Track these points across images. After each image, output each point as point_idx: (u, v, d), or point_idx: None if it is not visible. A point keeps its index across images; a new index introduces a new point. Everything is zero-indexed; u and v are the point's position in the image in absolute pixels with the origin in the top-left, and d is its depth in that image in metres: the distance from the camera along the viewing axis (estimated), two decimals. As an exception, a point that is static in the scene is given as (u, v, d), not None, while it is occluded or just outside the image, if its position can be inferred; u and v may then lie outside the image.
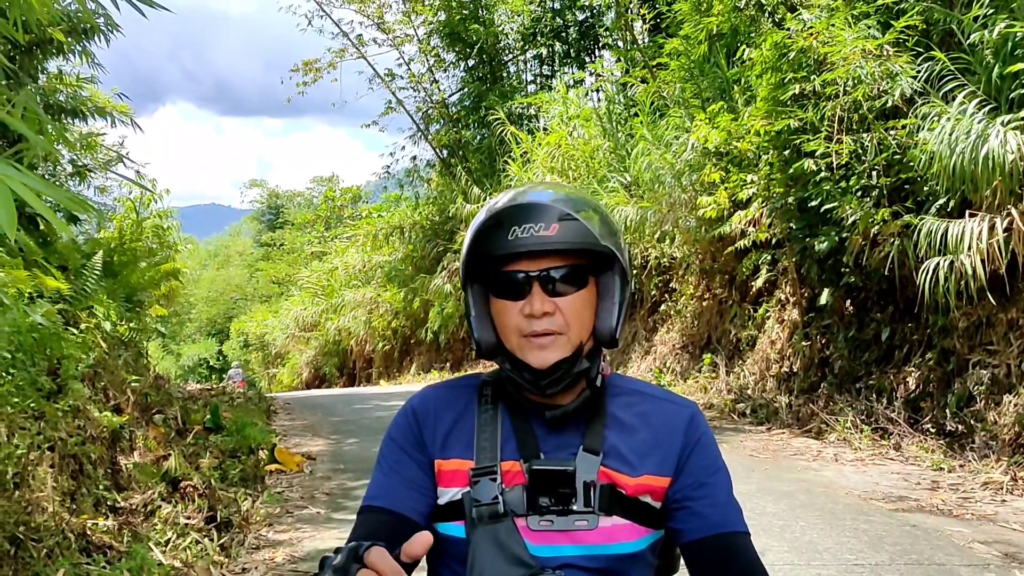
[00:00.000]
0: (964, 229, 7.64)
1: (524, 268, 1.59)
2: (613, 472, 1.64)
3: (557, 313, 1.59)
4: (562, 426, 1.67)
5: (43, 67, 9.84)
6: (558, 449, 1.66)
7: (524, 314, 1.59)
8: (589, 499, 1.61)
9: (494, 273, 1.63)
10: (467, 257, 1.66)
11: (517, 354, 1.62)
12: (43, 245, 7.44)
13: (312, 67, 25.70)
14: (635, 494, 1.64)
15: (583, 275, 1.62)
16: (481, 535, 1.60)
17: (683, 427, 1.69)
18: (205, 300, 53.81)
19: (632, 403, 1.73)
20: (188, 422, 8.43)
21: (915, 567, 5.07)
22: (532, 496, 1.61)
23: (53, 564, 4.28)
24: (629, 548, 1.63)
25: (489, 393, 1.74)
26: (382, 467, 1.73)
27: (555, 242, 1.56)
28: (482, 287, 1.68)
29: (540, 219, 1.56)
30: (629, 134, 15.52)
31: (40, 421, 4.91)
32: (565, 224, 1.57)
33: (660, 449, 1.67)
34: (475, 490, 1.63)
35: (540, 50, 24.32)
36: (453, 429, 1.71)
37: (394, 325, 26.10)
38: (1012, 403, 7.52)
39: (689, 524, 1.65)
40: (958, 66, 8.10)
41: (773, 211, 10.80)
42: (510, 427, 1.69)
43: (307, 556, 5.64)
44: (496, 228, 1.59)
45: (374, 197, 39.65)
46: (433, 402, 1.76)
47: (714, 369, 12.98)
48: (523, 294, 1.59)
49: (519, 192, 1.65)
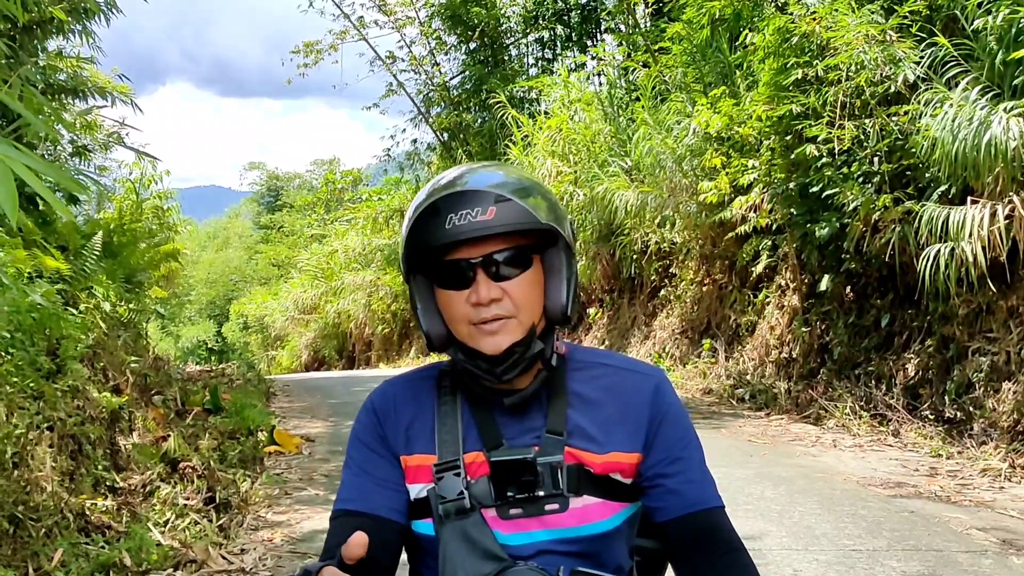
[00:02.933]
0: (965, 216, 7.62)
1: (466, 255, 1.55)
2: (579, 451, 1.62)
3: (505, 298, 1.56)
4: (523, 410, 1.65)
5: (43, 46, 9.79)
6: (521, 434, 1.63)
7: (471, 303, 1.55)
8: (557, 481, 1.59)
9: (436, 264, 1.59)
10: (406, 250, 1.61)
11: (469, 343, 1.58)
12: (43, 225, 7.43)
13: (313, 49, 25.61)
14: (604, 472, 1.62)
15: (526, 256, 1.59)
16: (450, 532, 1.58)
17: (648, 398, 1.66)
18: (205, 282, 53.73)
19: (594, 376, 1.70)
20: (187, 403, 8.44)
21: (913, 553, 5.08)
22: (498, 486, 1.59)
23: (52, 543, 4.29)
24: (603, 527, 1.62)
25: (448, 384, 1.71)
26: (351, 468, 1.71)
27: (494, 225, 1.52)
28: (425, 279, 1.64)
29: (476, 204, 1.52)
30: (630, 118, 15.46)
31: (39, 401, 4.91)
32: (502, 206, 1.53)
33: (627, 424, 1.64)
34: (440, 486, 1.61)
35: (542, 33, 24.24)
36: (414, 423, 1.69)
37: (393, 308, 26.08)
38: (1011, 390, 7.52)
39: (665, 502, 1.64)
40: (961, 52, 8.07)
41: (774, 197, 10.78)
42: (470, 417, 1.66)
43: (305, 537, 5.66)
44: (433, 217, 1.55)
45: (374, 180, 39.63)
46: (392, 397, 1.73)
47: (713, 354, 12.98)
48: (468, 282, 1.56)
49: (455, 177, 1.61)
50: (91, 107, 11.57)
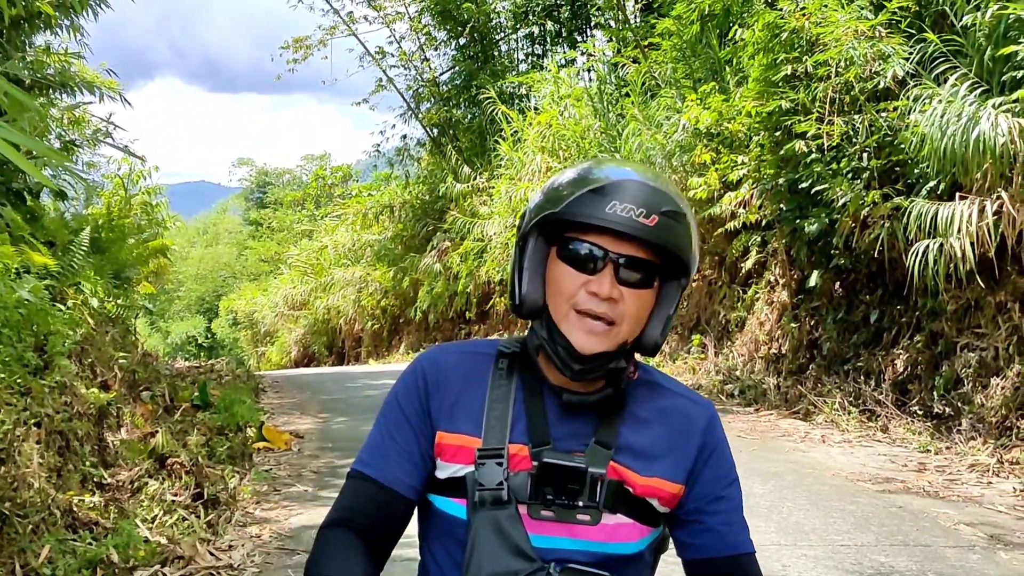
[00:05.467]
0: (954, 212, 7.64)
1: (605, 245, 1.52)
2: (623, 468, 1.60)
3: (620, 302, 1.53)
4: (576, 413, 1.61)
5: (30, 41, 9.72)
6: (569, 438, 1.60)
7: (588, 290, 1.52)
8: (595, 494, 1.56)
9: (567, 236, 1.55)
10: (549, 212, 1.56)
11: (561, 326, 1.54)
12: (30, 220, 7.39)
13: (302, 44, 25.50)
14: (643, 494, 1.60)
15: (653, 275, 1.56)
16: (482, 520, 1.55)
17: (701, 430, 1.65)
18: (194, 278, 53.57)
19: (649, 396, 1.68)
20: (176, 399, 8.41)
21: (901, 548, 5.10)
22: (537, 485, 1.56)
23: (39, 540, 4.27)
24: (630, 548, 1.60)
25: (505, 366, 1.66)
26: (380, 429, 1.67)
27: (651, 233, 1.49)
28: (545, 244, 1.59)
29: (643, 204, 1.49)
30: (620, 114, 15.47)
31: (26, 397, 4.89)
32: (666, 220, 1.50)
33: (675, 452, 1.63)
34: (480, 472, 1.57)
35: (532, 29, 24.22)
36: (462, 399, 1.64)
37: (383, 304, 26.03)
38: (999, 386, 7.54)
39: (701, 540, 1.63)
40: (950, 48, 8.10)
41: (763, 192, 10.79)
42: (522, 406, 1.62)
43: (294, 534, 5.64)
44: (596, 194, 1.51)
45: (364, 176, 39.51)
46: (445, 367, 1.68)
47: (703, 350, 12.99)
48: (593, 270, 1.53)
49: (622, 165, 1.60)
50: (78, 103, 11.51)
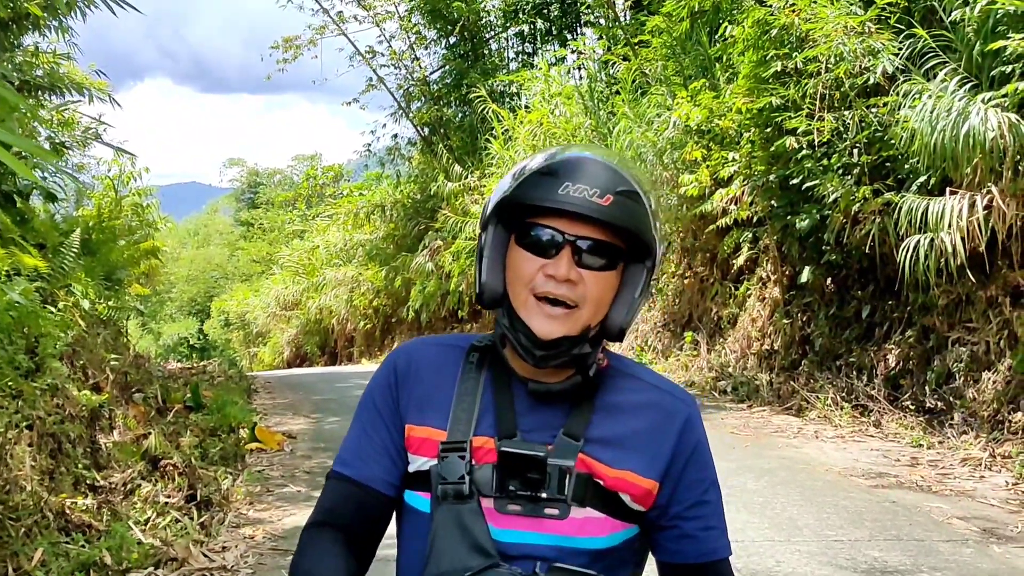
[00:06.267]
0: (944, 207, 7.65)
1: (561, 227, 1.49)
2: (592, 461, 1.55)
3: (580, 285, 1.49)
4: (545, 406, 1.58)
5: (19, 43, 9.70)
6: (537, 429, 1.56)
7: (546, 273, 1.49)
8: (564, 487, 1.53)
9: (525, 222, 1.53)
10: (504, 197, 1.55)
11: (521, 312, 1.52)
12: (20, 223, 7.36)
13: (292, 44, 25.40)
14: (613, 487, 1.56)
15: (616, 256, 1.53)
16: (444, 515, 1.53)
17: (678, 428, 1.60)
18: (185, 279, 53.43)
19: (627, 388, 1.63)
20: (168, 401, 8.39)
21: (894, 543, 5.11)
22: (502, 478, 1.53)
23: (32, 543, 4.26)
24: (599, 543, 1.55)
25: (475, 360, 1.64)
26: (356, 427, 1.66)
27: (604, 213, 1.46)
28: (505, 231, 1.57)
29: (597, 184, 1.47)
30: (611, 112, 15.46)
31: (18, 400, 4.88)
32: (621, 199, 1.47)
33: (650, 446, 1.58)
34: (442, 466, 1.54)
35: (522, 27, 24.18)
36: (431, 392, 1.62)
37: (375, 304, 25.98)
38: (991, 380, 7.57)
39: (678, 545, 1.60)
40: (940, 43, 8.11)
41: (754, 189, 10.80)
42: (490, 399, 1.59)
43: (287, 534, 5.63)
44: (547, 177, 1.49)
45: (355, 175, 39.44)
46: (417, 359, 1.66)
47: (695, 347, 13.00)
48: (549, 253, 1.50)
49: (580, 148, 1.56)
50: (67, 103, 11.47)
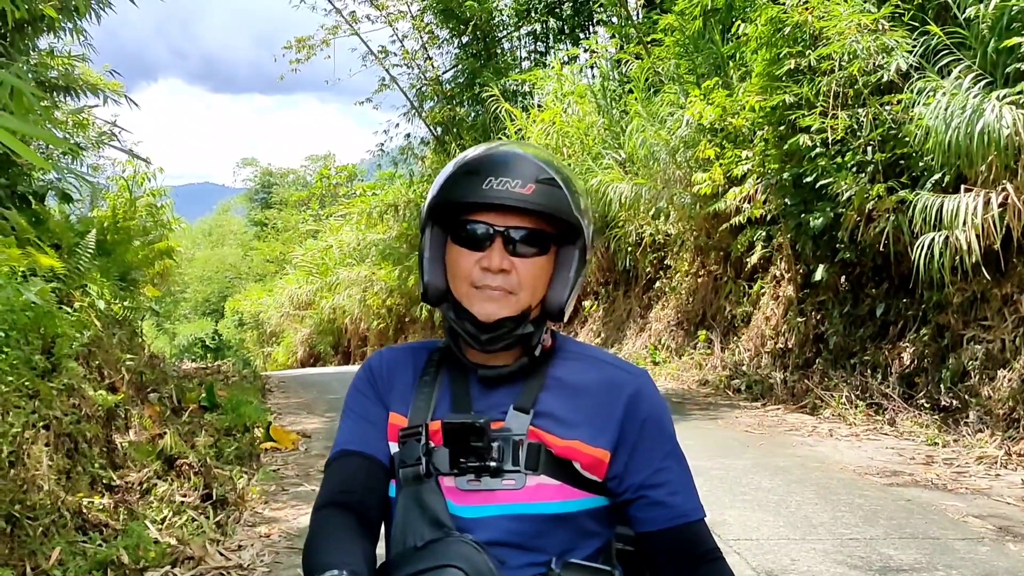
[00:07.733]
0: (959, 204, 7.62)
1: (490, 221, 1.58)
2: (542, 432, 1.63)
3: (513, 272, 1.58)
4: (498, 387, 1.67)
5: (34, 45, 9.75)
6: (491, 409, 1.65)
7: (480, 266, 1.58)
8: (518, 458, 1.60)
9: (458, 220, 1.62)
10: (433, 199, 1.64)
11: (463, 302, 1.61)
12: (36, 223, 7.39)
13: (305, 44, 25.43)
14: (563, 455, 1.62)
15: (546, 242, 1.62)
16: (406, 496, 1.62)
17: (626, 399, 1.66)
18: (199, 279, 53.62)
19: (577, 368, 1.72)
20: (183, 401, 8.43)
21: (910, 541, 5.09)
22: (453, 454, 1.61)
23: (49, 542, 4.28)
24: (555, 508, 1.61)
25: (437, 357, 1.75)
26: (348, 416, 1.75)
27: (528, 201, 1.55)
28: (442, 231, 1.66)
29: (518, 175, 1.55)
30: (624, 111, 15.45)
31: (35, 400, 4.90)
32: (542, 187, 1.56)
33: (598, 417, 1.65)
34: (403, 450, 1.64)
35: (534, 26, 24.16)
36: (399, 387, 1.73)
37: (388, 303, 26.02)
38: (1006, 378, 7.53)
39: (649, 513, 1.64)
40: (954, 40, 8.07)
41: (768, 187, 10.79)
42: (447, 388, 1.70)
43: (302, 533, 5.64)
44: (471, 175, 1.58)
45: (368, 175, 39.49)
46: (387, 361, 1.78)
47: (709, 346, 12.99)
48: (483, 246, 1.59)
49: (498, 145, 1.65)
50: (83, 106, 11.54)
